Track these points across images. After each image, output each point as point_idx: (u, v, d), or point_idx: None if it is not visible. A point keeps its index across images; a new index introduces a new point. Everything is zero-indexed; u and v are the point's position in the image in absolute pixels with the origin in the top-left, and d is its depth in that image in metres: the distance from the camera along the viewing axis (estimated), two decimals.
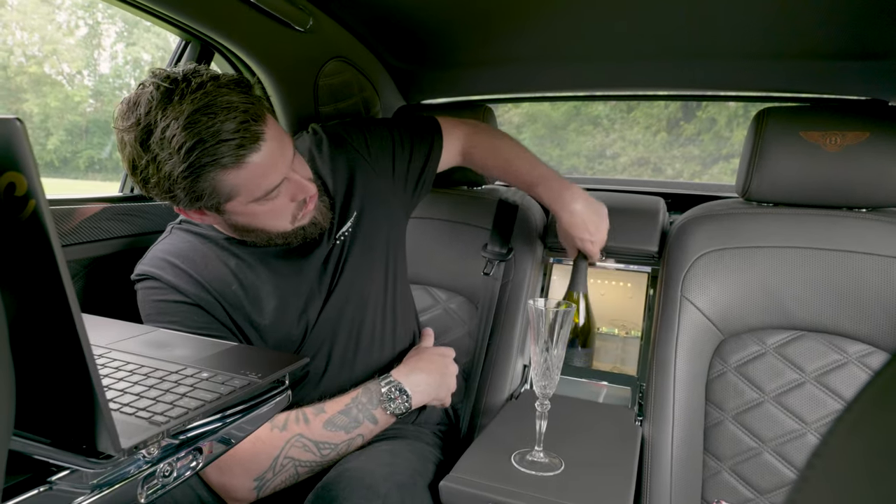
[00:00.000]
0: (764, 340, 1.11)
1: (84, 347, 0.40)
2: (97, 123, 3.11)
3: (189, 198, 0.82)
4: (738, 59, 1.34)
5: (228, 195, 0.83)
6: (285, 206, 0.90)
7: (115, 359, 0.63)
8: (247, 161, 0.80)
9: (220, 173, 0.79)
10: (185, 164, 0.77)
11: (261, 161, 0.81)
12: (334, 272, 1.03)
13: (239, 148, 0.78)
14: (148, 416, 0.50)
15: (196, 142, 0.76)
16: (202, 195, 0.81)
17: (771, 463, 1.06)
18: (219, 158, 0.78)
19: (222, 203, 0.84)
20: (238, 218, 0.88)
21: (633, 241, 1.29)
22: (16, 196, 0.38)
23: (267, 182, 0.84)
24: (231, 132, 0.77)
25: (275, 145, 0.84)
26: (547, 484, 0.83)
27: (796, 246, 1.12)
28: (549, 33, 1.32)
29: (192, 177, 0.78)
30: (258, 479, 0.88)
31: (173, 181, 0.78)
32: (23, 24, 2.87)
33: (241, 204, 0.85)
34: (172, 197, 0.82)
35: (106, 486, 0.46)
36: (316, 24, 1.30)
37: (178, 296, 0.92)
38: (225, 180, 0.81)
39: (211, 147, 0.76)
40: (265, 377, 0.60)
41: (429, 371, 1.03)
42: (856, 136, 1.08)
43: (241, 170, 0.80)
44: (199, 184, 0.79)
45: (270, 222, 0.91)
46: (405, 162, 1.14)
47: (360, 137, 1.12)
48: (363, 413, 0.94)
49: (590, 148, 4.20)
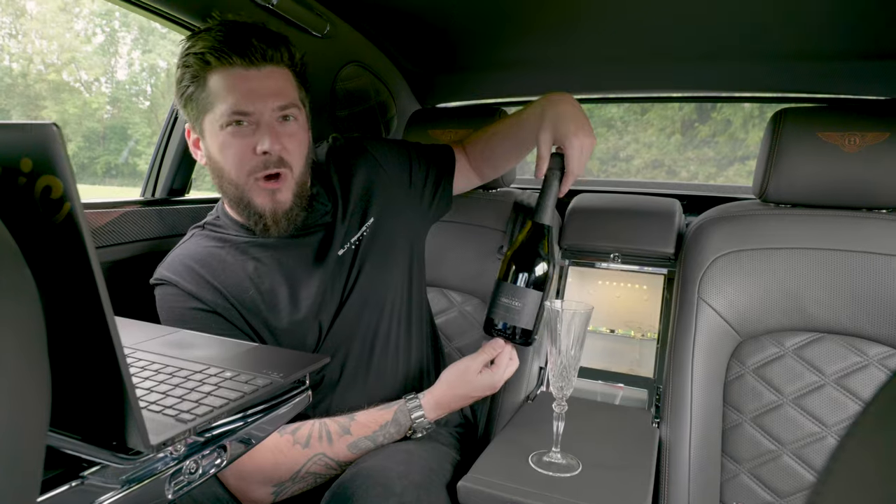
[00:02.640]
0: (782, 342, 1.10)
1: (116, 347, 0.41)
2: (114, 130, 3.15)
3: (182, 96, 0.91)
4: (754, 60, 1.34)
5: (208, 103, 0.89)
6: (247, 153, 0.92)
7: (140, 358, 0.64)
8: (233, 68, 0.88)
9: (206, 70, 0.88)
10: (195, 41, 0.89)
11: (245, 79, 0.89)
12: (348, 276, 1.03)
13: (236, 49, 0.88)
14: (174, 414, 0.51)
15: (220, 30, 0.88)
16: (188, 94, 0.90)
17: (790, 466, 1.05)
18: (217, 45, 0.87)
19: (203, 114, 0.91)
20: (211, 146, 0.93)
21: (648, 243, 1.29)
22: (52, 199, 0.39)
23: (239, 103, 0.89)
24: (244, 34, 0.89)
25: (271, 83, 0.91)
26: (564, 485, 0.83)
27: (815, 247, 1.11)
28: (562, 36, 1.33)
29: (185, 61, 0.89)
30: (277, 485, 0.89)
31: (184, 60, 0.89)
32: (42, 32, 2.92)
33: (215, 123, 0.90)
34: (179, 92, 0.91)
35: (135, 481, 0.46)
36: (333, 30, 1.31)
37: (197, 303, 0.93)
38: (209, 81, 0.89)
39: (223, 34, 0.88)
40: (287, 377, 0.61)
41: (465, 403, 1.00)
42: (875, 137, 1.07)
43: (226, 74, 0.88)
44: (188, 73, 0.89)
45: (231, 164, 0.93)
46: (422, 178, 1.16)
47: (380, 149, 1.14)
48: (387, 439, 0.95)
49: (603, 151, 4.18)
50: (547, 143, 1.00)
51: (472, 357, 0.98)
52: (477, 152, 1.22)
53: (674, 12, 1.16)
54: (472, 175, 1.24)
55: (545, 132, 1.00)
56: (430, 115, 1.56)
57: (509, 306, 0.96)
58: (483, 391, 0.98)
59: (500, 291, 0.97)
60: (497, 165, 1.22)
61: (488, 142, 1.19)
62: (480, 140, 1.21)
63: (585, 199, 1.43)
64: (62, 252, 0.40)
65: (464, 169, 1.22)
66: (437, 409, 0.98)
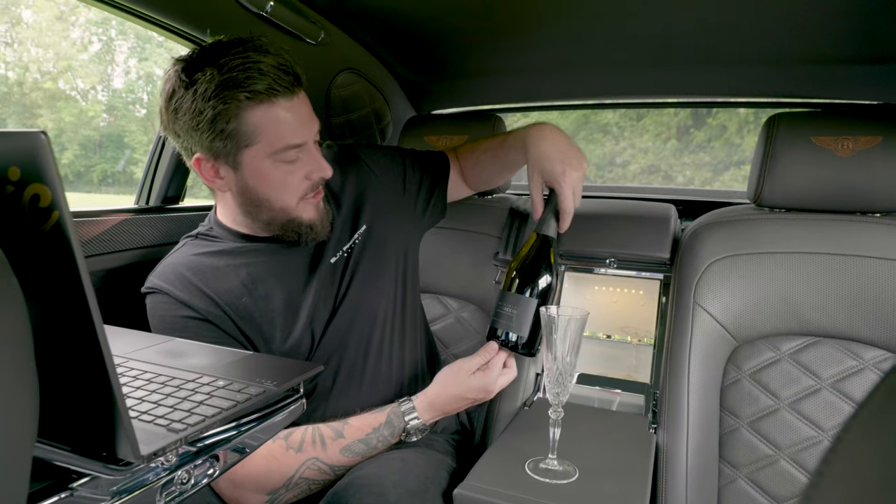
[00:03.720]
0: (778, 347, 1.10)
1: (105, 356, 0.41)
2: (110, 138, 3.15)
3: (213, 129, 0.85)
4: (749, 65, 1.34)
5: (249, 137, 0.86)
6: (299, 181, 0.92)
7: (132, 368, 0.64)
8: (276, 101, 0.85)
9: (250, 104, 0.83)
10: (221, 80, 0.82)
11: (289, 111, 0.86)
12: (340, 284, 1.03)
13: (275, 83, 0.84)
14: (166, 424, 0.50)
15: (238, 64, 0.82)
16: (225, 129, 0.84)
17: (787, 470, 1.05)
18: (253, 83, 0.83)
19: (241, 148, 0.86)
20: (250, 178, 0.90)
21: (644, 249, 1.29)
22: (40, 207, 0.39)
23: (290, 136, 0.87)
24: (271, 67, 0.84)
25: (305, 109, 0.89)
26: (561, 492, 0.82)
27: (810, 251, 1.11)
28: (558, 42, 1.33)
29: (222, 96, 0.83)
30: (271, 493, 0.88)
31: (206, 100, 0.83)
32: (38, 41, 2.93)
33: (259, 156, 0.87)
34: (197, 126, 0.85)
35: (125, 492, 0.46)
36: (327, 37, 1.31)
37: (188, 311, 0.93)
38: (251, 116, 0.84)
39: (250, 71, 0.83)
40: (280, 385, 0.60)
41: (459, 405, 0.99)
42: (868, 141, 1.07)
43: (269, 109, 0.84)
44: (227, 109, 0.83)
45: (278, 193, 0.92)
46: (416, 184, 1.16)
47: (373, 156, 1.14)
48: (382, 443, 0.95)
49: (600, 156, 4.20)
50: (538, 188, 1.00)
51: (467, 359, 0.98)
52: (468, 166, 1.22)
53: (668, 18, 1.16)
54: (463, 185, 1.25)
55: (533, 177, 1.00)
56: (426, 122, 1.56)
57: (510, 315, 0.96)
58: (476, 393, 0.96)
59: (502, 301, 0.97)
60: (487, 181, 1.23)
61: (478, 160, 1.20)
62: (472, 155, 1.21)
63: (581, 205, 1.43)
64: (51, 261, 0.40)
65: (456, 178, 1.23)
66: (431, 410, 0.97)
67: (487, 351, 0.98)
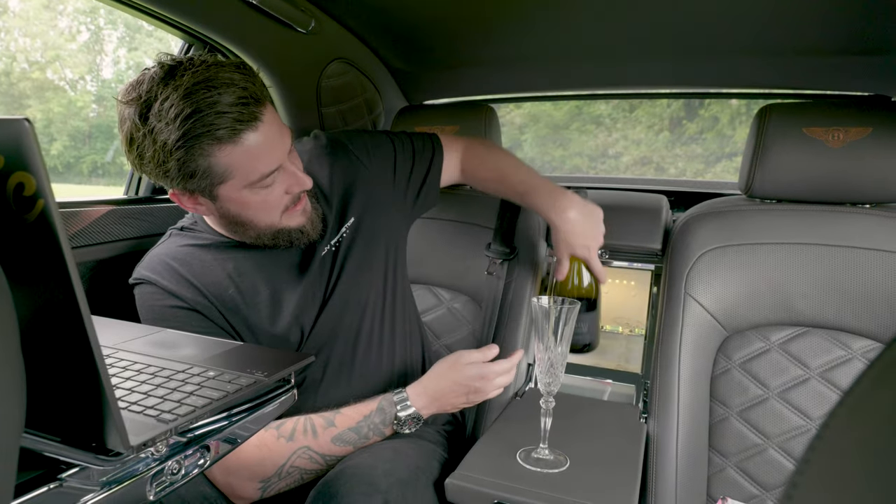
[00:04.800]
0: (768, 337, 1.11)
1: (93, 346, 0.40)
2: (100, 128, 3.12)
3: (182, 174, 0.81)
4: (740, 56, 1.34)
5: (222, 176, 0.83)
6: (279, 198, 0.90)
7: (122, 359, 0.63)
8: (242, 138, 0.81)
9: (215, 148, 0.80)
10: (180, 133, 0.77)
11: (257, 142, 0.82)
12: (329, 278, 1.02)
13: (236, 122, 0.79)
14: (156, 415, 0.50)
15: (193, 111, 0.76)
16: (195, 172, 0.81)
17: (776, 459, 1.06)
18: (214, 130, 0.78)
19: (215, 185, 0.84)
20: (230, 206, 0.88)
21: (636, 239, 1.29)
22: (24, 196, 0.38)
23: (262, 165, 0.84)
24: (229, 105, 0.78)
25: (273, 129, 0.84)
26: (552, 480, 0.83)
27: (800, 242, 1.12)
28: (550, 33, 1.33)
29: (186, 147, 0.78)
30: (263, 481, 0.89)
31: (168, 152, 0.78)
32: (25, 30, 2.89)
33: (235, 189, 0.85)
34: (166, 174, 0.81)
35: (115, 483, 0.46)
36: (318, 26, 1.30)
37: (176, 301, 0.92)
38: (219, 157, 0.81)
39: (207, 117, 0.77)
40: (271, 375, 0.60)
41: (454, 398, 0.98)
42: (858, 132, 1.08)
43: (237, 147, 0.81)
44: (193, 157, 0.79)
45: (261, 215, 0.90)
46: (406, 172, 1.14)
47: (362, 145, 1.12)
48: (373, 431, 0.94)
49: (592, 148, 4.20)
50: (566, 256, 1.11)
51: (467, 351, 0.99)
52: (471, 167, 1.20)
53: (661, 9, 1.16)
54: (458, 176, 1.23)
55: (562, 248, 1.11)
56: (418, 112, 1.55)
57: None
58: (472, 381, 0.96)
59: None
60: (483, 188, 1.22)
61: (485, 176, 1.18)
62: (480, 163, 1.19)
63: None
64: (37, 250, 0.40)
65: (452, 169, 1.20)
66: (425, 397, 0.96)
67: (490, 348, 0.99)
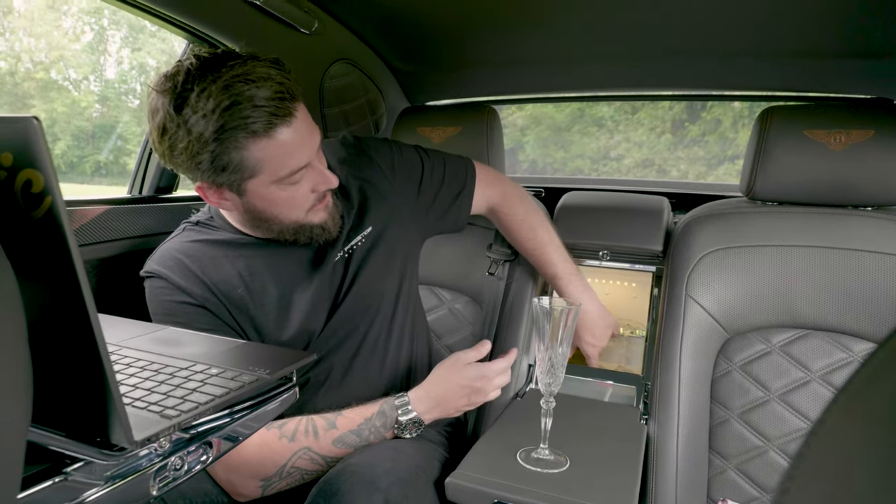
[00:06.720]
0: (769, 339, 1.11)
1: (99, 342, 0.41)
2: (103, 128, 3.13)
3: (214, 167, 0.83)
4: (743, 59, 1.35)
5: (253, 170, 0.84)
6: (305, 195, 0.91)
7: (126, 355, 0.64)
8: (276, 132, 0.82)
9: (250, 141, 0.81)
10: (217, 125, 0.78)
11: (290, 137, 0.84)
12: (341, 283, 1.03)
13: (272, 116, 0.81)
14: (159, 411, 0.50)
15: (231, 103, 0.78)
16: (227, 165, 0.82)
17: (776, 461, 1.06)
18: (250, 123, 0.79)
19: (245, 179, 0.85)
20: (256, 201, 0.89)
21: (637, 241, 1.30)
22: (32, 193, 0.39)
23: (293, 161, 0.86)
24: (265, 99, 0.80)
25: (304, 127, 0.86)
26: (552, 481, 0.83)
27: (801, 245, 1.12)
28: (552, 35, 1.33)
29: (220, 139, 0.80)
30: (264, 480, 0.89)
31: (203, 143, 0.80)
32: (30, 30, 2.90)
33: (264, 184, 0.86)
34: (198, 165, 0.82)
35: (119, 477, 0.46)
36: (321, 27, 1.31)
37: (185, 297, 0.93)
38: (253, 151, 0.82)
39: (244, 110, 0.79)
40: (273, 373, 0.61)
41: (456, 399, 0.98)
42: (860, 135, 1.08)
43: (270, 141, 0.82)
44: (226, 150, 0.81)
45: (286, 211, 0.91)
46: (432, 192, 1.15)
47: (388, 157, 1.12)
48: (374, 434, 0.95)
49: (594, 150, 4.20)
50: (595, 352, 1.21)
51: (463, 351, 1.00)
52: (510, 226, 1.24)
53: (663, 11, 1.16)
54: (484, 213, 1.26)
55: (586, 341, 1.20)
56: (420, 113, 1.55)
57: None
58: (472, 381, 0.97)
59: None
60: (512, 243, 1.29)
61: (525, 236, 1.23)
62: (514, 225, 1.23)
63: (575, 197, 1.44)
64: (44, 246, 0.40)
65: (481, 204, 1.22)
66: (426, 401, 0.97)
67: (482, 345, 1.01)
